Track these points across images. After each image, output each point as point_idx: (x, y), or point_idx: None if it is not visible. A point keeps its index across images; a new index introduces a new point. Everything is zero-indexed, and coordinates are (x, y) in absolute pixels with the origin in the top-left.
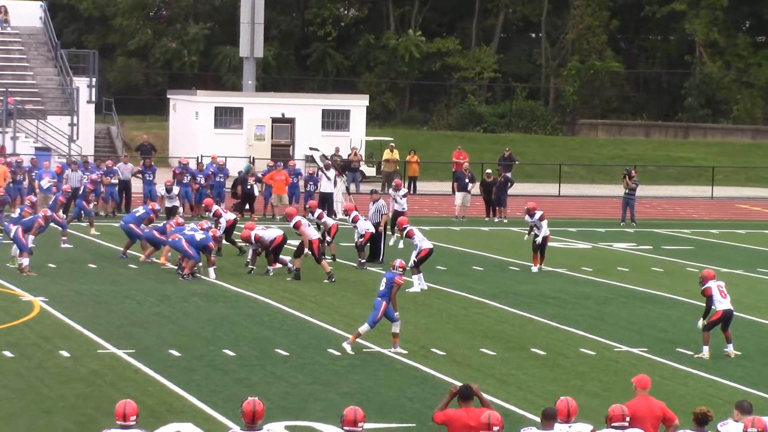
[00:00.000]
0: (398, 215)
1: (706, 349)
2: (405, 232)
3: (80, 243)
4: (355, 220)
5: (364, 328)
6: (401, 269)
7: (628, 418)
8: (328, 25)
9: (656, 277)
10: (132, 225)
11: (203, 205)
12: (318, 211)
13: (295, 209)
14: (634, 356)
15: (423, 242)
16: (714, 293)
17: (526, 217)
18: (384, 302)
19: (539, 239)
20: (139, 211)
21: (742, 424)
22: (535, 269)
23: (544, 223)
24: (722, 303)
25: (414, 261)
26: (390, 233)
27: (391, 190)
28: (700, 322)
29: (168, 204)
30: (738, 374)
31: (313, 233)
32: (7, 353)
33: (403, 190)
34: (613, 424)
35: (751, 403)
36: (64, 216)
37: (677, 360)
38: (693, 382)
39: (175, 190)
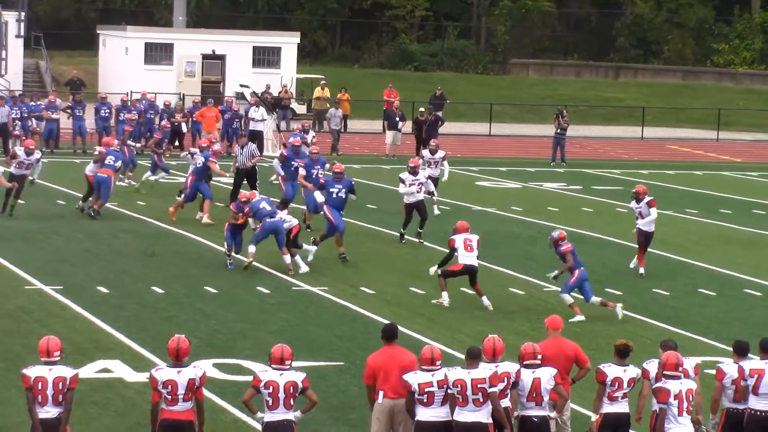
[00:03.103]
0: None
1: (445, 295)
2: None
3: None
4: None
5: None
6: None
7: (539, 356)
8: None
9: (586, 217)
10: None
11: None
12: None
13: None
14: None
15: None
16: (458, 246)
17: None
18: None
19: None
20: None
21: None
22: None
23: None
24: (466, 257)
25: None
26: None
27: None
28: (432, 270)
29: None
30: (666, 314)
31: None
32: None
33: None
34: (525, 362)
35: (675, 342)
36: None
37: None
38: (620, 323)
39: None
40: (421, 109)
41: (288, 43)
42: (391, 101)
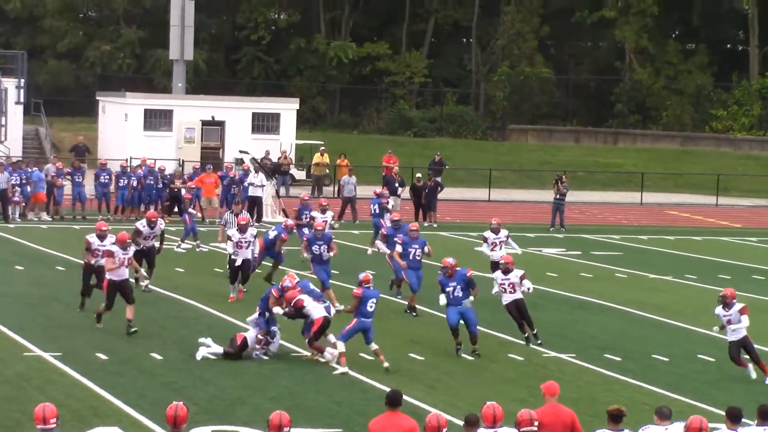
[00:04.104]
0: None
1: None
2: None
3: (7, 245)
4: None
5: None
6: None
7: (536, 423)
8: (261, 29)
9: (585, 282)
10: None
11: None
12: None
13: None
14: (563, 362)
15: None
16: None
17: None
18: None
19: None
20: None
21: (662, 428)
22: None
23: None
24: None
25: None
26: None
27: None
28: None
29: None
30: (664, 380)
31: (319, 311)
32: None
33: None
34: (521, 429)
35: (670, 409)
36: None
37: (605, 366)
38: (620, 388)
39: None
40: (418, 175)
41: (287, 109)
42: (390, 167)
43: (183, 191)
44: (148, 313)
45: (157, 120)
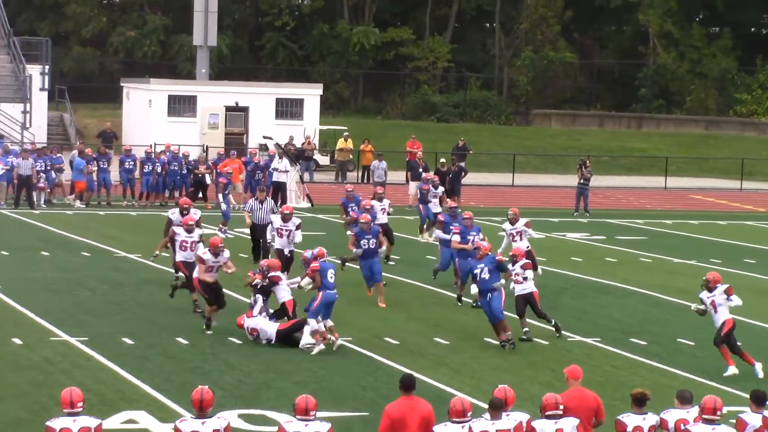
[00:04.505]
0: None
1: None
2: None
3: (33, 231)
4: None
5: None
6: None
7: (561, 407)
8: (285, 15)
9: (609, 267)
10: None
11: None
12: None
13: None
14: (587, 346)
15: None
16: None
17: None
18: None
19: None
20: None
21: (684, 411)
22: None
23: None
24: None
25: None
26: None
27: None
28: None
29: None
30: (690, 364)
31: (287, 295)
32: None
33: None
34: (546, 413)
35: (691, 393)
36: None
37: (630, 350)
38: (645, 372)
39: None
40: (442, 160)
41: (311, 94)
42: (414, 152)
43: (206, 177)
44: (173, 299)
45: (181, 106)
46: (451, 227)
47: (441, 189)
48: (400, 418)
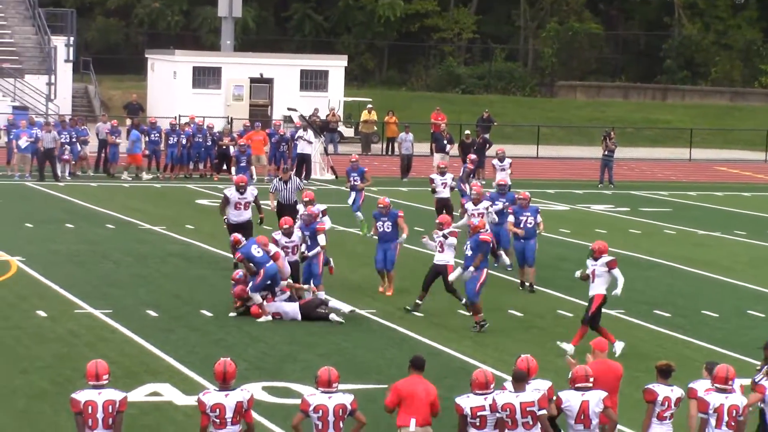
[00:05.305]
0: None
1: None
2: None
3: (57, 203)
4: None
5: None
6: None
7: (591, 379)
8: None
9: (634, 238)
10: None
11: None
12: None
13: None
14: (611, 318)
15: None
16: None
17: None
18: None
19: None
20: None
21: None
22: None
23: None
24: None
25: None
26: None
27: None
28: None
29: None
30: (715, 336)
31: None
32: None
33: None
34: (576, 385)
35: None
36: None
37: (654, 322)
38: (670, 344)
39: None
40: (467, 132)
41: (335, 66)
42: (438, 124)
43: (231, 148)
44: (197, 271)
45: (206, 78)
46: (497, 204)
47: (450, 176)
48: (408, 395)
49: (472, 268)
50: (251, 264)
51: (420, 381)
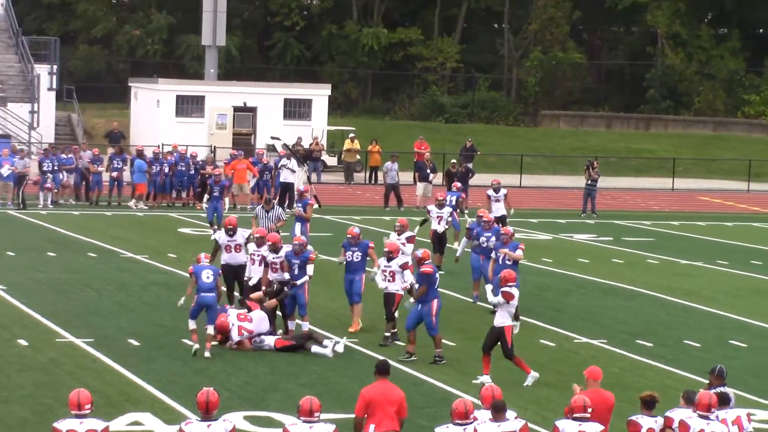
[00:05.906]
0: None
1: None
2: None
3: (39, 231)
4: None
5: None
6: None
7: (589, 410)
8: (295, 15)
9: (616, 268)
10: None
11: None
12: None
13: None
14: (594, 348)
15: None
16: None
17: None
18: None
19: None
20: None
21: (689, 410)
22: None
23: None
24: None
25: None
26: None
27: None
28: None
29: None
30: (696, 366)
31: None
32: None
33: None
34: (575, 415)
35: (696, 393)
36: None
37: (636, 352)
38: (652, 374)
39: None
40: (453, 161)
41: (319, 95)
42: (421, 153)
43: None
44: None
45: (189, 106)
46: (483, 238)
47: (447, 210)
48: (374, 400)
49: (411, 299)
50: (196, 284)
51: (385, 385)
